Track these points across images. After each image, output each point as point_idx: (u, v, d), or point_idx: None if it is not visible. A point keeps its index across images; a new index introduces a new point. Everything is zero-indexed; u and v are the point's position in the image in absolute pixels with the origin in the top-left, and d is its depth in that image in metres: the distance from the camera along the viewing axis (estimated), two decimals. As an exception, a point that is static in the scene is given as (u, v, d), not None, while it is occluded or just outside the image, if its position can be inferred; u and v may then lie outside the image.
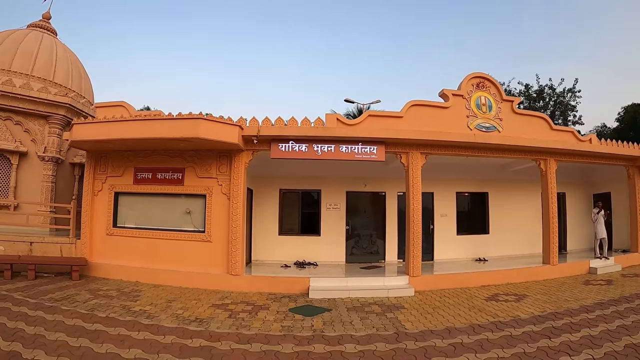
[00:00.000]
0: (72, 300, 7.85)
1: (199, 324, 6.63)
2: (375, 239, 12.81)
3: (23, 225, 11.84)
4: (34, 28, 16.17)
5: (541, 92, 27.58)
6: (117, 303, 7.80)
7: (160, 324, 6.52)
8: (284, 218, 12.57)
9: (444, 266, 11.44)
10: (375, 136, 9.67)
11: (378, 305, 8.16)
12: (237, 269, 9.54)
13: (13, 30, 15.40)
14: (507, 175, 13.55)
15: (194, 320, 6.83)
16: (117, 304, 7.71)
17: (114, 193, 10.67)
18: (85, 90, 16.10)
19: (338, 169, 11.85)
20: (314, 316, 7.32)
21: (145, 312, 7.27)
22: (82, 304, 7.64)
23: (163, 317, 6.95)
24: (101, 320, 6.62)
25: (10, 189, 13.22)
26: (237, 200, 9.70)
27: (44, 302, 7.63)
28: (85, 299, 8.00)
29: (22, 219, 12.09)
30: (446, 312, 7.64)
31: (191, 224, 10.19)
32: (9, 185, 13.25)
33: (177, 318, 6.94)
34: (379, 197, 12.97)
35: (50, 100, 13.41)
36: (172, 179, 10.22)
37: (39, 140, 13.60)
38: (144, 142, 9.59)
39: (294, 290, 9.24)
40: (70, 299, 7.95)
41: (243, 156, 9.82)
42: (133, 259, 10.19)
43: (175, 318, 6.93)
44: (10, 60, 14.12)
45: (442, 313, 7.55)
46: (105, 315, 6.92)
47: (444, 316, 7.33)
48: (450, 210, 13.23)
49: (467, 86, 10.73)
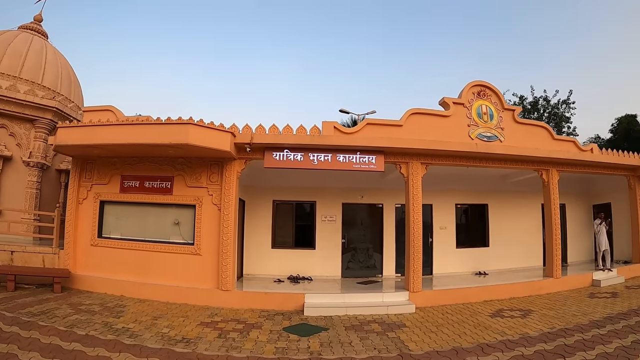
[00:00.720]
0: (52, 315, 7.44)
1: (186, 345, 6.21)
2: (372, 253, 12.39)
3: (4, 233, 11.33)
4: (25, 30, 15.84)
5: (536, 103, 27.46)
6: (98, 319, 7.37)
7: (143, 345, 6.09)
8: (278, 230, 12.13)
9: (443, 281, 11.07)
10: (375, 145, 9.30)
11: (378, 323, 7.78)
12: (227, 284, 9.08)
13: (2, 31, 15.04)
14: (507, 187, 13.30)
15: (181, 341, 6.40)
16: (98, 320, 7.28)
17: (99, 201, 10.22)
18: (74, 95, 15.69)
19: (334, 180, 11.53)
20: (310, 336, 6.89)
21: (128, 330, 6.84)
22: (62, 319, 7.23)
23: (147, 337, 6.51)
24: (80, 338, 6.20)
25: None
26: (229, 211, 9.28)
27: (21, 316, 7.24)
28: (66, 314, 7.58)
29: (4, 226, 11.56)
30: (451, 330, 7.28)
31: (180, 236, 9.74)
32: (-8, 191, 12.71)
33: (162, 338, 6.51)
34: (376, 209, 12.59)
35: (36, 103, 12.92)
36: (160, 188, 9.80)
37: (25, 145, 13.10)
38: (131, 148, 9.16)
39: (287, 307, 8.80)
40: (50, 314, 7.53)
41: (235, 165, 9.41)
42: (118, 272, 9.72)
43: (161, 338, 6.50)
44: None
45: (447, 331, 7.19)
46: (85, 333, 6.50)
47: (449, 335, 6.97)
48: (449, 223, 12.86)
49: (468, 94, 10.45)
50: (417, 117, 9.92)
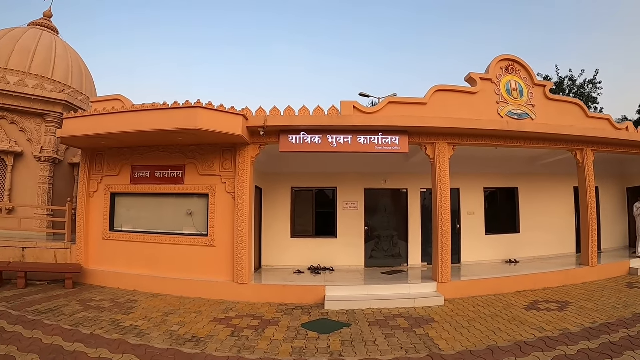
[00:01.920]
0: (59, 313, 7.13)
1: (195, 345, 5.74)
2: (397, 241, 11.77)
3: (16, 230, 11.09)
4: (35, 26, 15.73)
5: (561, 83, 26.24)
6: (107, 317, 7.01)
7: (149, 345, 5.67)
8: (297, 219, 11.63)
9: (473, 270, 10.44)
10: (398, 125, 8.66)
11: (404, 318, 7.19)
12: (243, 276, 8.61)
13: (12, 28, 14.95)
14: (538, 169, 12.50)
15: (190, 340, 5.95)
16: (106, 318, 6.93)
17: (110, 194, 9.89)
18: (86, 88, 15.47)
19: (355, 164, 10.97)
20: (331, 333, 6.35)
21: (136, 328, 6.45)
22: (68, 317, 6.91)
23: (155, 335, 6.10)
24: (84, 338, 5.84)
25: (5, 191, 12.53)
26: (243, 199, 8.79)
27: (27, 314, 6.95)
28: (74, 312, 7.27)
29: (15, 223, 11.39)
30: (484, 325, 6.65)
31: (193, 227, 9.31)
32: (4, 187, 12.57)
33: (170, 336, 6.08)
34: (401, 195, 11.95)
35: (45, 97, 12.69)
36: (171, 178, 9.39)
37: (35, 140, 12.89)
38: (139, 137, 8.76)
39: (307, 300, 8.29)
40: (57, 311, 7.23)
41: (249, 150, 8.91)
42: (131, 266, 9.40)
43: (169, 336, 6.07)
44: (7, 57, 13.59)
45: (480, 327, 6.55)
46: (90, 332, 6.13)
47: (482, 331, 6.34)
48: (478, 208, 12.15)
49: (496, 69, 9.72)
50: (442, 94, 9.23)
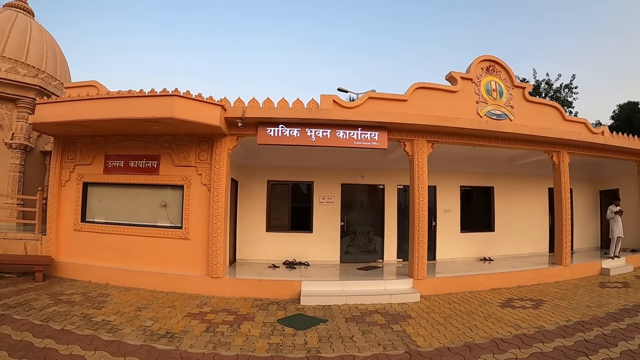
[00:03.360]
0: (28, 307, 6.87)
1: (170, 341, 5.60)
2: (373, 237, 11.79)
3: (-14, 219, 10.75)
4: (10, 7, 15.19)
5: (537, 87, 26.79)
6: (78, 311, 6.79)
7: (122, 341, 5.49)
8: (273, 212, 11.50)
9: (448, 267, 10.54)
10: (377, 120, 8.63)
11: (381, 314, 7.18)
12: (218, 270, 8.47)
13: None
14: (514, 169, 12.74)
15: (164, 336, 5.79)
16: (78, 312, 6.70)
17: (82, 183, 9.59)
18: (61, 74, 15.06)
19: (332, 159, 10.95)
20: (308, 329, 6.28)
21: (108, 323, 6.25)
22: (39, 311, 6.66)
23: (128, 331, 5.91)
24: (54, 334, 5.63)
25: (-27, 179, 12.06)
26: (219, 192, 8.63)
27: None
28: (44, 306, 7.02)
29: (-15, 212, 10.99)
30: (460, 322, 6.69)
31: (167, 219, 9.11)
32: (-28, 175, 12.10)
33: (144, 332, 5.91)
34: (377, 191, 11.95)
35: (18, 81, 12.27)
36: (146, 168, 9.15)
37: (7, 126, 12.47)
38: (114, 125, 8.50)
39: (283, 295, 8.21)
40: (27, 306, 6.98)
41: (226, 142, 8.75)
42: (103, 258, 9.14)
43: (143, 332, 5.90)
44: (-22, 39, 13.07)
45: (456, 324, 6.59)
46: (60, 327, 5.91)
47: (458, 328, 6.38)
48: (454, 206, 12.27)
49: (477, 69, 9.81)
50: (423, 92, 9.25)
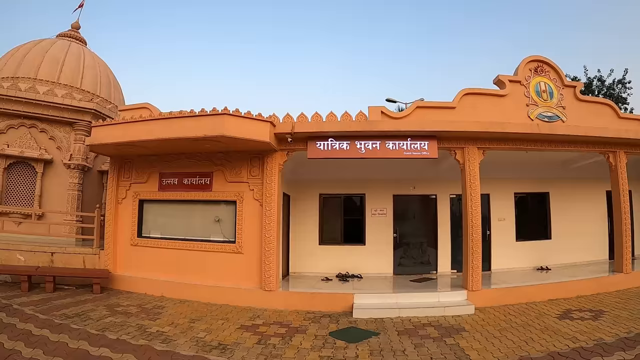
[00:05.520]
0: (85, 318, 7.19)
1: (221, 352, 5.70)
2: (426, 248, 11.54)
3: (45, 235, 11.36)
4: (63, 37, 16.17)
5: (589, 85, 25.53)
6: (133, 322, 7.05)
7: (175, 351, 5.65)
8: (325, 226, 11.53)
9: (503, 277, 10.12)
10: (426, 129, 8.52)
11: (434, 327, 6.99)
12: (271, 283, 8.55)
13: (40, 40, 15.38)
14: (569, 173, 12.10)
15: (216, 347, 5.91)
16: (133, 323, 6.96)
17: (138, 200, 10.00)
18: (115, 97, 15.82)
19: (383, 170, 10.79)
20: (359, 342, 6.20)
21: (162, 334, 6.44)
22: (95, 322, 6.97)
23: (181, 342, 6.08)
24: (110, 343, 5.86)
25: (35, 197, 12.81)
26: (271, 206, 8.76)
27: (54, 318, 7.03)
28: (100, 316, 7.34)
29: (45, 228, 11.67)
30: (516, 335, 6.42)
31: (220, 234, 9.32)
32: (33, 194, 12.85)
33: (197, 343, 6.05)
34: (430, 201, 11.74)
35: (74, 106, 12.98)
36: (199, 185, 9.43)
37: (65, 148, 13.17)
38: (167, 144, 8.80)
39: (335, 308, 8.17)
40: (84, 316, 7.30)
41: (277, 157, 8.88)
42: (158, 272, 9.45)
43: (195, 343, 6.05)
44: (36, 68, 14.01)
45: (512, 337, 6.33)
46: (116, 337, 6.16)
47: (514, 341, 6.11)
48: (508, 214, 11.84)
49: (524, 71, 9.47)
50: (471, 97, 9.04)
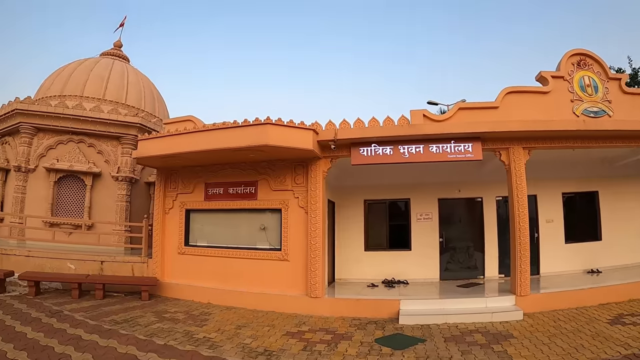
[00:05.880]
0: (134, 324, 7.43)
1: (267, 358, 5.79)
2: (473, 252, 11.28)
3: (96, 245, 11.83)
4: (106, 56, 16.94)
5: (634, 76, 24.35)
6: (181, 328, 7.22)
7: (221, 357, 5.76)
8: (370, 231, 11.45)
9: (552, 281, 9.79)
10: (469, 131, 8.38)
11: (481, 333, 6.83)
12: (317, 290, 8.59)
13: (85, 59, 16.19)
14: (617, 170, 11.52)
15: (262, 353, 5.97)
16: (180, 329, 7.13)
17: (184, 210, 10.30)
18: (159, 111, 16.44)
19: (427, 174, 10.62)
20: (405, 349, 6.12)
21: (209, 340, 6.57)
22: (143, 327, 7.18)
23: (227, 348, 6.18)
24: (157, 348, 6.02)
25: (84, 209, 13.41)
26: (316, 213, 8.82)
27: (103, 324, 7.26)
28: (148, 322, 7.56)
29: (95, 238, 12.17)
30: (565, 342, 6.18)
31: (266, 241, 9.46)
32: (83, 205, 13.44)
33: (242, 349, 6.13)
34: (475, 204, 11.47)
35: (120, 120, 13.56)
36: (244, 194, 9.63)
37: (112, 161, 13.74)
38: (212, 155, 9.04)
39: (381, 315, 8.10)
40: (132, 322, 7.54)
41: (320, 164, 8.94)
42: (205, 279, 9.68)
43: (241, 349, 6.13)
44: (82, 86, 14.74)
45: (561, 344, 6.10)
46: (163, 342, 6.33)
47: (563, 348, 5.89)
48: (556, 215, 11.41)
49: (567, 65, 9.10)
50: (514, 96, 8.82)
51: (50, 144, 13.41)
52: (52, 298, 9.38)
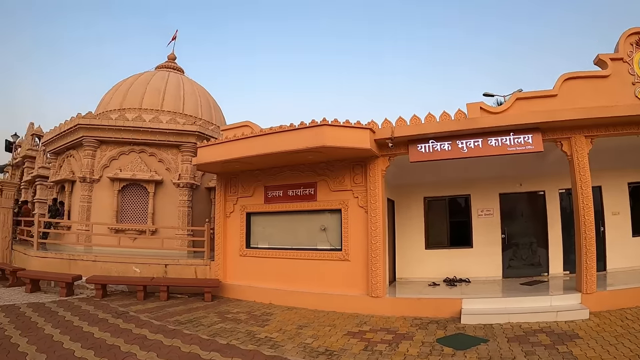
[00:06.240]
0: (197, 324, 7.63)
1: (328, 358, 5.78)
2: (536, 248, 10.83)
3: (160, 249, 12.30)
4: (161, 69, 17.69)
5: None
6: (243, 328, 7.36)
7: (283, 356, 5.81)
8: (431, 229, 11.31)
9: (620, 278, 9.30)
10: (529, 122, 8.07)
11: (545, 333, 6.55)
12: (377, 290, 8.59)
13: (141, 73, 17.00)
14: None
15: (323, 353, 5.99)
16: (242, 329, 7.27)
17: (245, 213, 10.59)
18: (216, 118, 17.03)
19: (487, 168, 10.30)
20: (467, 349, 5.99)
21: (270, 340, 6.65)
22: (206, 327, 7.37)
23: (288, 348, 6.23)
24: (220, 348, 6.14)
25: (148, 215, 14.09)
26: (376, 212, 8.82)
27: (167, 324, 7.50)
28: (211, 322, 7.76)
29: (158, 242, 12.62)
30: (634, 342, 5.83)
31: (326, 242, 9.57)
32: (146, 211, 14.13)
33: (304, 349, 6.17)
34: (537, 198, 10.99)
35: (178, 129, 14.14)
36: (303, 195, 9.80)
37: (173, 168, 14.38)
38: (270, 159, 9.26)
39: (442, 314, 7.99)
40: (196, 322, 7.76)
41: (379, 163, 8.95)
42: (266, 280, 9.91)
43: (303, 349, 6.17)
44: (140, 99, 15.49)
45: (629, 344, 5.75)
46: (226, 342, 6.45)
47: (631, 349, 5.55)
48: (622, 207, 10.76)
49: (626, 46, 8.54)
50: (572, 82, 8.40)
51: (113, 155, 14.21)
52: (118, 300, 9.84)
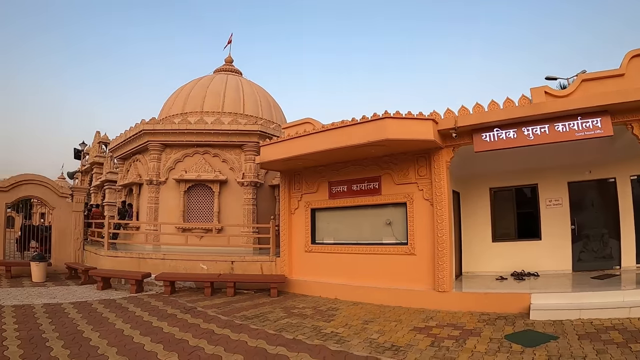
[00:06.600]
0: (264, 319, 7.70)
1: (394, 354, 5.67)
2: (608, 240, 10.11)
3: (225, 246, 12.70)
4: (219, 72, 18.40)
5: None
6: (309, 323, 7.39)
7: (348, 351, 5.76)
8: (497, 221, 10.95)
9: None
10: (596, 104, 7.46)
11: (618, 330, 6.11)
12: (444, 284, 8.43)
13: (200, 78, 17.79)
14: None
15: (389, 348, 5.90)
16: (308, 324, 7.29)
17: (310, 209, 10.73)
18: (276, 117, 17.44)
19: (554, 156, 9.79)
20: (536, 347, 5.70)
21: (336, 335, 6.64)
22: (273, 322, 7.43)
23: (354, 343, 6.19)
24: (286, 342, 6.16)
25: (213, 213, 14.65)
26: (442, 205, 8.66)
27: (234, 319, 7.64)
28: (277, 318, 7.82)
29: (225, 240, 13.01)
30: None
31: (392, 236, 9.51)
32: (212, 211, 14.70)
33: (370, 344, 6.11)
34: (608, 185, 10.21)
35: (240, 130, 14.58)
36: (368, 189, 9.79)
37: (237, 168, 14.86)
38: (332, 154, 9.33)
39: (511, 309, 7.69)
40: (262, 317, 7.84)
41: (443, 154, 8.77)
42: (332, 275, 9.99)
43: (369, 344, 6.11)
44: (201, 102, 16.16)
45: None
46: (292, 337, 6.46)
47: None
48: (698, 193, 9.80)
49: None
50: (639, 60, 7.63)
51: (178, 158, 14.91)
52: (186, 296, 10.16)
